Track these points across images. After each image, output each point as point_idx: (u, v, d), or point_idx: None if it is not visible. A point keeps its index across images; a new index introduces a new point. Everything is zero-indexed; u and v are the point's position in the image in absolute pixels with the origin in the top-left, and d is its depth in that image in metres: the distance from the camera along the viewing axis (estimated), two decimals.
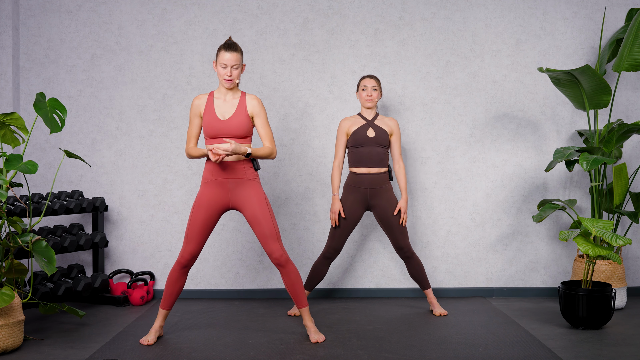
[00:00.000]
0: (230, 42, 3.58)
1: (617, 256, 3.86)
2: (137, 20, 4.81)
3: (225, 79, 3.55)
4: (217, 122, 3.53)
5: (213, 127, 3.54)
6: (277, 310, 4.40)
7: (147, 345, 3.54)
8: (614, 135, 4.27)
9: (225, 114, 3.57)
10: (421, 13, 4.82)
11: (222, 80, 3.57)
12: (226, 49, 3.55)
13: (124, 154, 4.82)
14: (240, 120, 3.55)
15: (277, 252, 3.56)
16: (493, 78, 4.83)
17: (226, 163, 3.56)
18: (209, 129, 3.55)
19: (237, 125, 3.54)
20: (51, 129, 3.54)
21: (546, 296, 4.82)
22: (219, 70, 3.57)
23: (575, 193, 4.86)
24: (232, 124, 3.54)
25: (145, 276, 4.79)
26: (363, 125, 4.19)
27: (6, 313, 3.36)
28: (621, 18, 4.82)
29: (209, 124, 3.54)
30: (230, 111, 3.58)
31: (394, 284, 4.84)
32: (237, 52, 3.55)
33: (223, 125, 3.53)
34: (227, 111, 3.58)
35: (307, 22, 4.81)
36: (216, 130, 3.53)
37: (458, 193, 4.84)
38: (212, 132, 3.54)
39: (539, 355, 3.34)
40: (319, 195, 4.82)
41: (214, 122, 3.54)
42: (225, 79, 3.55)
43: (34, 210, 4.15)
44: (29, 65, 4.80)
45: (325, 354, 3.37)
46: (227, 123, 3.54)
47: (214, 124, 3.53)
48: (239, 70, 3.58)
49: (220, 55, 3.55)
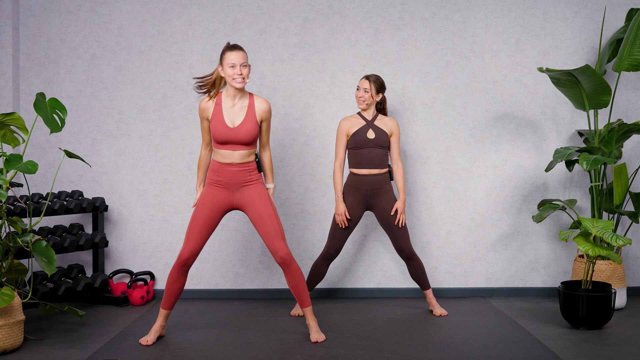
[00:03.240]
0: (233, 43, 3.56)
1: (617, 256, 3.86)
2: (137, 20, 4.81)
3: (236, 79, 3.47)
4: (226, 130, 3.49)
5: (222, 134, 3.50)
6: (277, 310, 4.40)
7: (147, 345, 3.54)
8: (614, 135, 4.27)
9: (235, 120, 3.52)
10: (421, 13, 4.82)
11: (233, 81, 3.48)
12: (231, 49, 3.50)
13: (124, 154, 4.82)
14: (249, 128, 3.51)
15: (282, 250, 3.53)
16: (493, 78, 4.83)
17: (231, 167, 3.55)
18: (218, 135, 3.51)
19: (245, 133, 3.51)
20: (51, 129, 3.54)
21: (546, 296, 4.82)
22: (227, 71, 3.48)
23: (575, 193, 4.86)
24: (241, 132, 3.50)
25: (145, 276, 4.79)
26: (363, 127, 4.18)
27: (6, 313, 3.36)
28: (621, 18, 4.82)
29: (218, 131, 3.50)
30: (239, 118, 3.53)
31: (394, 284, 4.84)
32: (242, 51, 3.51)
33: (232, 133, 3.49)
34: (236, 118, 3.53)
35: (307, 22, 4.81)
36: (225, 138, 3.50)
37: (458, 193, 4.84)
38: (221, 139, 3.51)
39: (539, 355, 3.34)
40: (319, 195, 4.82)
41: (223, 130, 3.49)
42: (235, 78, 3.47)
43: (34, 210, 4.15)
44: (29, 65, 4.80)
45: (325, 354, 3.37)
46: (236, 131, 3.50)
47: (223, 132, 3.49)
48: (248, 69, 3.51)
49: (227, 56, 3.49)
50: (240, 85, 3.49)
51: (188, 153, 4.80)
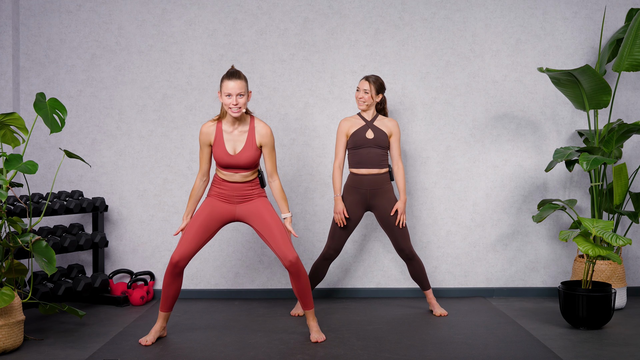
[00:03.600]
0: (233, 71, 3.51)
1: (617, 256, 3.86)
2: (137, 20, 4.81)
3: (232, 108, 3.47)
4: (227, 157, 3.55)
5: (223, 160, 3.56)
6: (277, 310, 4.40)
7: (146, 345, 3.54)
8: (614, 135, 4.27)
9: (235, 147, 3.56)
10: (421, 13, 4.82)
11: (229, 110, 3.49)
12: (229, 77, 3.48)
13: (124, 154, 4.82)
14: (250, 155, 3.56)
15: (292, 255, 3.53)
16: (493, 78, 4.83)
17: (234, 184, 3.60)
18: (220, 161, 3.58)
19: (246, 160, 3.56)
20: (51, 129, 3.54)
21: (546, 296, 4.82)
22: (224, 100, 3.48)
23: (575, 193, 4.86)
24: (242, 159, 3.55)
25: (145, 276, 4.79)
26: (362, 127, 4.18)
27: (6, 313, 3.36)
28: (621, 18, 4.82)
29: (220, 157, 3.57)
30: (239, 145, 3.56)
31: (394, 284, 4.84)
32: (240, 79, 3.48)
33: (233, 160, 3.55)
34: (236, 144, 3.56)
35: (307, 22, 4.81)
36: (226, 163, 3.57)
37: (458, 193, 4.84)
38: (223, 164, 3.58)
39: (539, 355, 3.34)
40: (319, 195, 4.82)
41: (224, 157, 3.55)
42: (231, 108, 3.47)
43: (34, 210, 4.15)
44: (29, 65, 4.80)
45: (325, 354, 3.37)
46: (237, 158, 3.55)
47: (225, 159, 3.55)
48: (245, 98, 3.49)
49: (224, 84, 3.47)
50: (236, 114, 3.50)
51: (188, 153, 4.80)
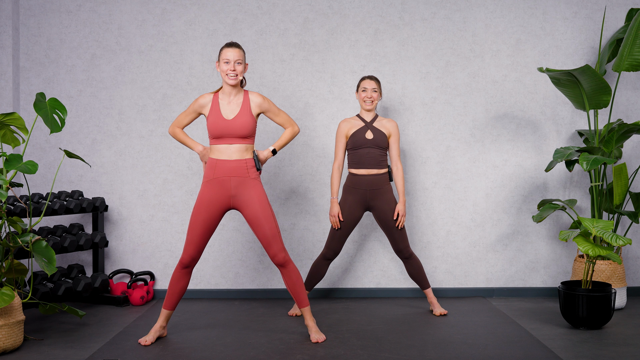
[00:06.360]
0: (232, 41, 3.63)
1: (617, 256, 3.86)
2: (137, 20, 4.81)
3: (229, 74, 3.53)
4: (222, 122, 3.53)
5: (218, 126, 3.54)
6: (277, 310, 4.40)
7: (146, 345, 3.54)
8: (614, 135, 4.27)
9: (230, 114, 3.57)
10: (421, 13, 4.82)
11: (226, 77, 3.55)
12: (228, 45, 3.58)
13: (124, 154, 4.82)
14: (245, 120, 3.55)
15: (279, 252, 3.56)
16: (493, 78, 4.83)
17: (228, 164, 3.56)
18: (214, 128, 3.55)
19: (241, 125, 3.55)
20: (51, 129, 3.54)
21: (546, 296, 4.82)
22: (222, 67, 3.56)
23: (575, 193, 4.86)
24: (236, 124, 3.54)
25: (145, 276, 4.79)
26: (361, 128, 4.19)
27: (6, 313, 3.36)
28: (621, 18, 4.82)
29: (214, 123, 3.55)
30: (234, 111, 3.58)
31: (394, 283, 4.84)
32: (239, 48, 3.57)
33: (227, 125, 3.54)
34: (231, 111, 3.58)
35: (307, 22, 4.81)
36: (221, 130, 3.54)
37: (458, 193, 4.84)
38: (217, 132, 3.55)
39: (539, 355, 3.34)
40: (319, 195, 4.82)
41: (219, 121, 3.54)
42: (228, 74, 3.53)
43: (34, 210, 4.15)
44: (29, 65, 4.80)
45: (325, 354, 3.37)
46: (231, 123, 3.54)
47: (219, 123, 3.54)
48: (242, 67, 3.56)
49: (223, 52, 3.56)
50: (233, 81, 3.54)
51: (188, 153, 4.80)
